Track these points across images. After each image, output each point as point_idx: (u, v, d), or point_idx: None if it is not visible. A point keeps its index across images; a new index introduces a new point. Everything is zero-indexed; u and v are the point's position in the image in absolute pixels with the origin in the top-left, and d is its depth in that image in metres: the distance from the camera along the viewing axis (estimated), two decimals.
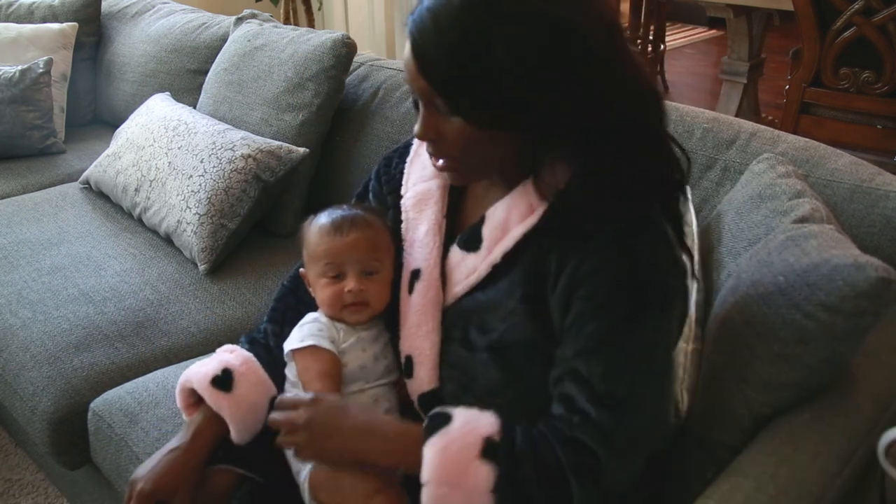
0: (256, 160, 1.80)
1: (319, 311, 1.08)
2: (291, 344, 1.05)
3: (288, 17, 4.18)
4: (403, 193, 1.11)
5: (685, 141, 1.40)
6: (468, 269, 0.99)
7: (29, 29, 2.60)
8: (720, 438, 1.01)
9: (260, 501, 1.07)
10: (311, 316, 1.08)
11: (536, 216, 0.93)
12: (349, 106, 1.98)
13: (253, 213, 1.83)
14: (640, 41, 4.47)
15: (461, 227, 1.04)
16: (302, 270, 1.12)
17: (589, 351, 0.87)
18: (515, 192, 0.96)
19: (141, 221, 1.97)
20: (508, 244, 0.95)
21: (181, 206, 1.82)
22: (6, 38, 2.56)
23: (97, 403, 1.46)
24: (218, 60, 2.20)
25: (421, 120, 0.92)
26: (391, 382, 1.06)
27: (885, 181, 1.21)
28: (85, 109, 2.76)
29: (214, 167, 1.80)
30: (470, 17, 0.83)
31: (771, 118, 3.58)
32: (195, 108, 2.14)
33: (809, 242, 0.98)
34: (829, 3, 2.45)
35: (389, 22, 4.51)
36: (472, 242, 0.99)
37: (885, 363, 1.06)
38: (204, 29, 2.42)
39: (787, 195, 1.13)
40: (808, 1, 2.47)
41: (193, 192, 1.80)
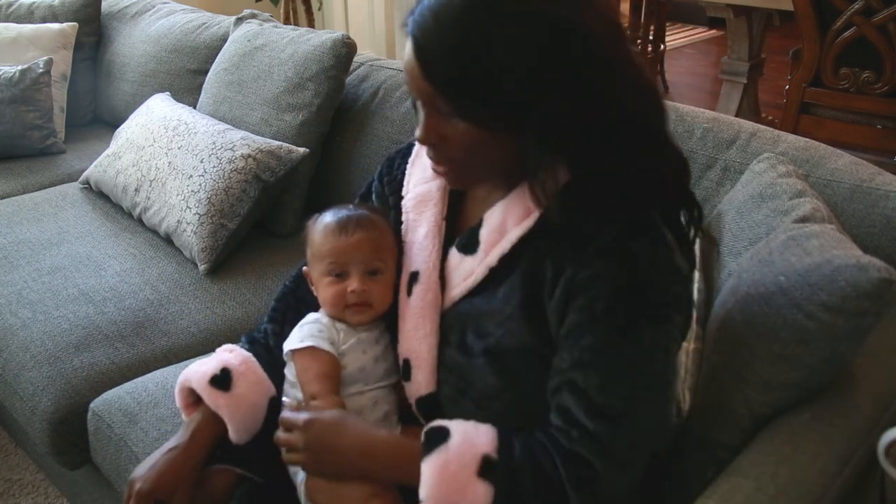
0: (256, 160, 1.80)
1: (321, 311, 1.08)
2: (291, 344, 1.05)
3: (288, 17, 4.18)
4: (404, 195, 1.10)
5: (685, 141, 1.40)
6: (465, 272, 0.98)
7: (29, 29, 2.60)
8: (720, 438, 1.01)
9: (258, 502, 1.07)
10: (311, 316, 1.08)
11: (533, 219, 0.93)
12: (349, 106, 1.98)
13: (253, 213, 1.83)
14: (640, 41, 4.47)
15: (461, 229, 1.03)
16: (305, 269, 1.12)
17: (586, 363, 0.87)
18: (513, 194, 0.95)
19: (141, 221, 1.97)
20: (505, 247, 0.94)
21: (181, 206, 1.82)
22: (6, 38, 2.56)
23: (97, 403, 1.46)
24: (218, 60, 2.20)
25: (422, 124, 0.91)
26: (391, 385, 1.06)
27: (885, 181, 1.21)
28: (85, 109, 2.76)
29: (214, 167, 1.80)
30: (471, 16, 0.82)
31: (771, 118, 3.58)
32: (195, 108, 2.14)
33: (811, 242, 0.98)
34: (829, 3, 2.45)
35: (389, 22, 4.51)
36: (469, 245, 0.98)
37: (885, 363, 1.06)
38: (204, 29, 2.42)
39: (787, 195, 1.13)
40: (808, 1, 2.47)
41: (193, 192, 1.80)
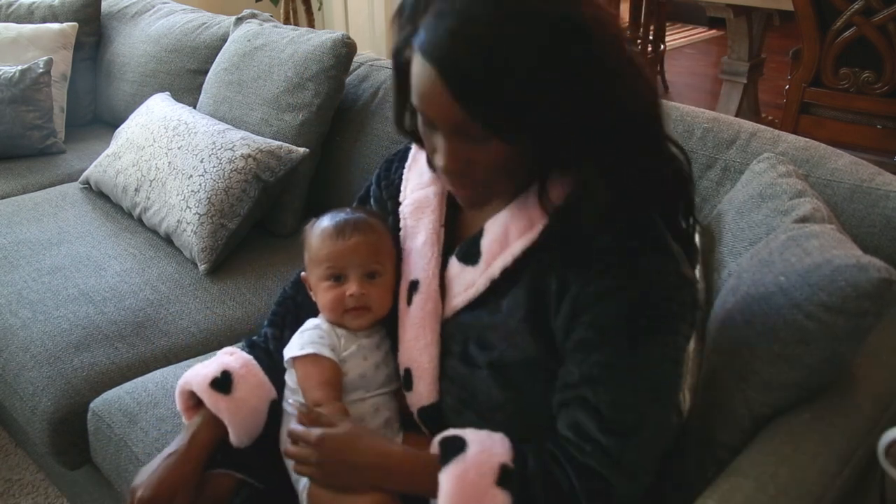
0: (256, 160, 1.80)
1: (320, 316, 1.07)
2: (291, 351, 1.04)
3: (288, 17, 4.18)
4: (402, 200, 1.08)
5: (685, 141, 1.40)
6: (466, 282, 0.97)
7: (29, 29, 2.60)
8: (720, 438, 1.01)
9: None
10: (311, 322, 1.07)
11: (536, 231, 0.91)
12: (349, 106, 1.98)
13: (253, 213, 1.83)
14: (640, 41, 4.47)
15: (461, 236, 1.02)
16: (303, 274, 1.11)
17: (595, 379, 0.86)
18: (514, 204, 0.94)
19: (141, 221, 1.97)
20: (508, 260, 0.93)
21: (181, 205, 1.82)
22: (6, 38, 2.56)
23: (97, 404, 1.46)
24: (218, 60, 2.20)
25: (446, 152, 0.86)
26: (392, 391, 1.05)
27: (885, 181, 1.21)
28: (85, 109, 2.76)
29: (214, 167, 1.80)
30: (502, 31, 0.77)
31: (771, 118, 3.58)
32: (195, 108, 2.14)
33: (811, 242, 0.98)
34: (829, 3, 2.45)
35: (389, 22, 4.51)
36: (470, 255, 0.97)
37: (885, 363, 1.06)
38: (204, 29, 2.42)
39: (787, 195, 1.13)
40: (808, 1, 2.47)
41: (193, 191, 1.80)
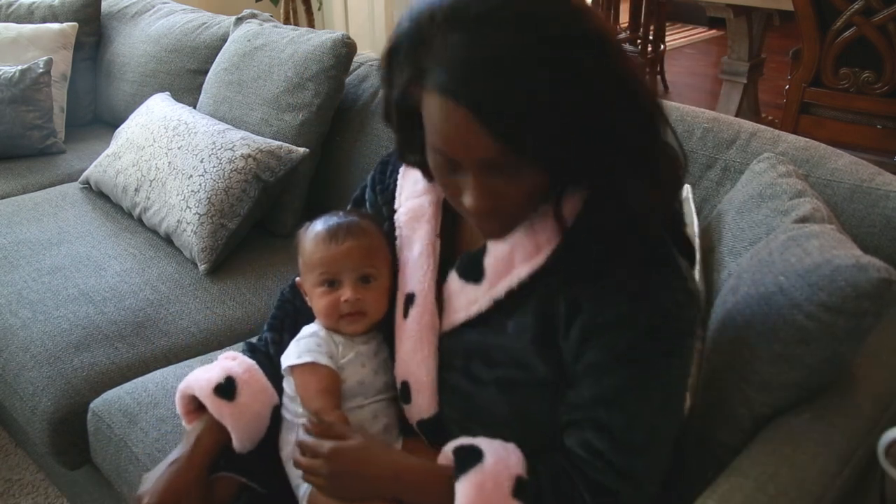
0: (256, 160, 1.80)
1: (317, 322, 1.06)
2: (289, 360, 1.03)
3: (288, 17, 4.18)
4: (397, 207, 1.06)
5: (685, 141, 1.40)
6: (468, 299, 0.95)
7: (29, 29, 2.60)
8: (720, 438, 1.01)
9: None
10: (308, 329, 1.05)
11: (543, 256, 0.89)
12: (349, 106, 1.98)
13: (253, 213, 1.83)
14: (640, 41, 4.47)
15: (459, 246, 1.00)
16: (298, 280, 1.09)
17: (608, 401, 0.86)
18: (520, 226, 0.91)
19: (141, 221, 1.97)
20: (513, 282, 0.91)
21: (181, 205, 1.82)
22: (6, 38, 2.56)
23: (96, 404, 1.46)
24: (218, 60, 2.20)
25: (479, 192, 0.81)
26: (390, 397, 1.04)
27: (885, 181, 1.21)
28: (85, 109, 2.76)
29: (214, 167, 1.80)
30: (532, 57, 0.73)
31: (771, 118, 3.58)
32: (195, 108, 2.14)
33: (811, 242, 0.98)
34: (829, 3, 2.45)
35: (389, 22, 4.51)
36: (472, 272, 0.94)
37: (885, 363, 1.06)
38: (204, 29, 2.42)
39: (787, 195, 1.13)
40: (808, 1, 2.47)
41: (193, 191, 1.80)
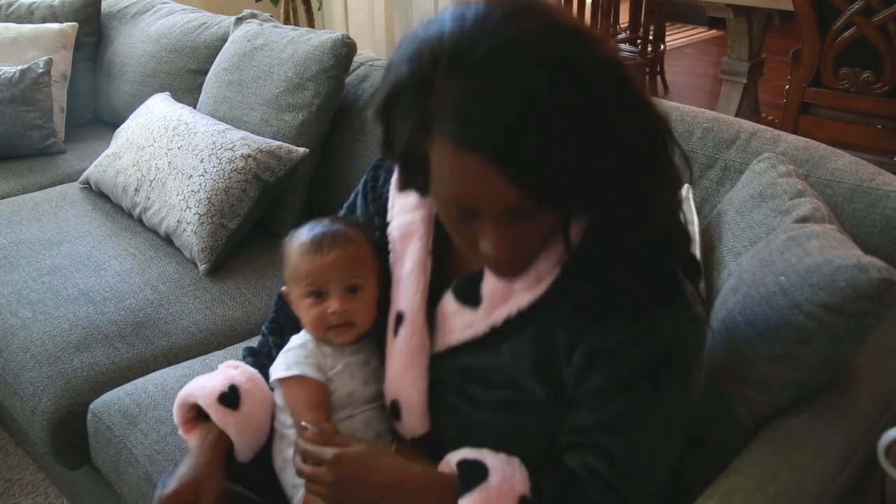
0: (256, 160, 1.80)
1: (305, 332, 1.04)
2: (277, 372, 1.02)
3: (288, 17, 4.18)
4: (389, 220, 1.02)
5: (685, 140, 1.40)
6: (464, 322, 0.93)
7: (29, 29, 2.60)
8: (720, 438, 1.01)
9: None
10: (297, 340, 1.04)
11: (543, 287, 0.87)
12: (349, 106, 1.98)
13: (253, 213, 1.83)
14: (640, 41, 4.47)
15: (453, 266, 0.97)
16: (284, 289, 1.08)
17: (609, 427, 0.85)
18: None
19: (141, 221, 1.97)
20: (512, 311, 0.89)
21: (181, 205, 1.82)
22: (6, 38, 2.56)
23: (96, 405, 1.46)
24: (218, 60, 2.20)
25: (500, 240, 0.78)
26: (381, 406, 1.02)
27: (885, 181, 1.21)
28: (85, 109, 2.76)
29: (214, 167, 1.80)
30: (552, 98, 0.70)
31: (771, 118, 3.58)
32: (195, 108, 2.14)
33: (811, 242, 0.98)
34: (829, 3, 2.45)
35: (389, 22, 4.51)
36: (469, 297, 0.92)
37: (885, 363, 1.06)
38: (204, 29, 2.42)
39: (788, 194, 1.13)
40: (808, 1, 2.47)
41: (193, 191, 1.80)
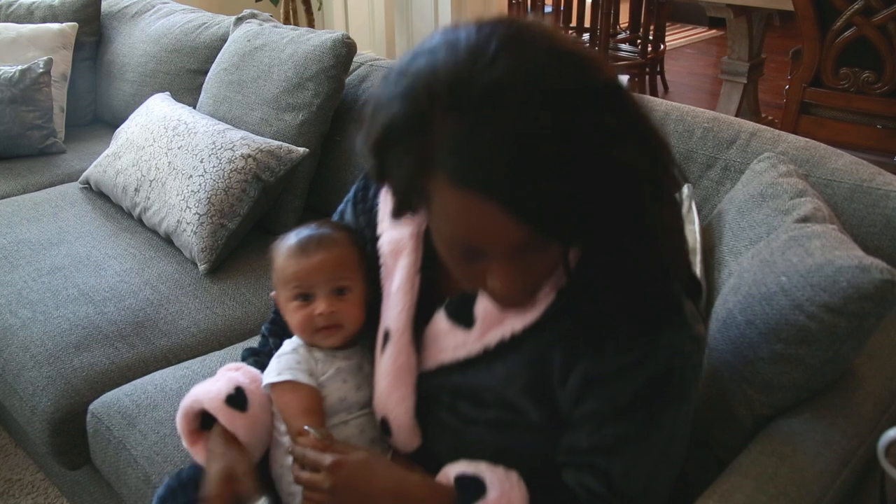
0: (256, 160, 1.80)
1: (297, 336, 1.04)
2: (268, 377, 1.01)
3: (288, 17, 4.18)
4: (379, 234, 1.00)
5: (685, 140, 1.40)
6: (457, 342, 0.91)
7: (29, 29, 2.60)
8: (720, 438, 1.02)
9: None
10: (289, 345, 1.03)
11: (539, 312, 0.86)
12: (349, 106, 1.98)
13: (253, 212, 1.83)
14: (640, 41, 4.47)
15: (442, 281, 0.94)
16: (273, 294, 1.07)
17: (608, 449, 0.84)
18: None
19: (141, 221, 1.97)
20: (506, 334, 0.87)
21: (181, 205, 1.82)
22: (6, 38, 2.56)
23: (95, 406, 1.46)
24: (218, 60, 2.20)
25: (507, 277, 0.76)
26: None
27: (885, 181, 1.21)
28: (85, 109, 2.76)
29: (214, 167, 1.80)
30: (559, 130, 0.67)
31: (771, 118, 3.58)
32: (195, 108, 2.14)
33: (813, 243, 0.98)
34: (829, 3, 2.45)
35: (389, 22, 4.51)
36: (462, 317, 0.91)
37: (885, 363, 1.06)
38: (204, 29, 2.42)
39: (788, 194, 1.13)
40: (808, 1, 2.47)
41: (193, 191, 1.80)
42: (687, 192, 1.32)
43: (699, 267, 1.20)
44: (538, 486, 0.89)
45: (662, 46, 4.58)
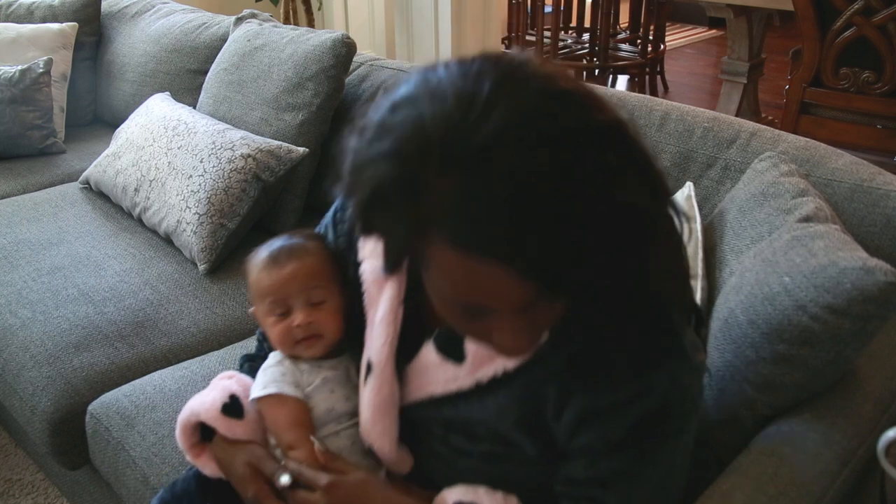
0: (256, 160, 1.80)
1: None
2: (255, 391, 0.99)
3: (288, 17, 4.18)
4: (360, 260, 0.97)
5: (685, 140, 1.40)
6: (447, 376, 0.89)
7: (29, 29, 2.60)
8: (720, 438, 1.01)
9: None
10: (274, 357, 1.02)
11: (533, 349, 0.82)
12: (349, 106, 1.98)
13: (253, 212, 1.83)
14: (640, 41, 4.47)
15: (430, 311, 0.87)
16: (251, 310, 1.05)
17: (604, 481, 0.82)
18: None
19: (141, 221, 1.97)
20: (499, 371, 0.85)
21: (181, 205, 1.82)
22: (6, 38, 2.56)
23: (94, 406, 1.46)
24: (218, 60, 2.20)
25: (516, 332, 0.73)
26: None
27: (885, 181, 1.21)
28: (85, 109, 2.76)
29: (214, 167, 1.80)
30: (565, 183, 0.63)
31: (771, 118, 3.58)
32: (195, 108, 2.14)
33: (816, 243, 0.97)
34: (829, 3, 2.45)
35: (389, 22, 4.51)
36: (452, 352, 0.88)
37: (885, 363, 1.06)
38: (204, 29, 2.42)
39: (790, 193, 1.13)
40: (808, 1, 2.47)
41: (193, 191, 1.80)
42: (688, 190, 1.33)
43: (701, 268, 1.20)
44: None
45: (662, 46, 4.58)
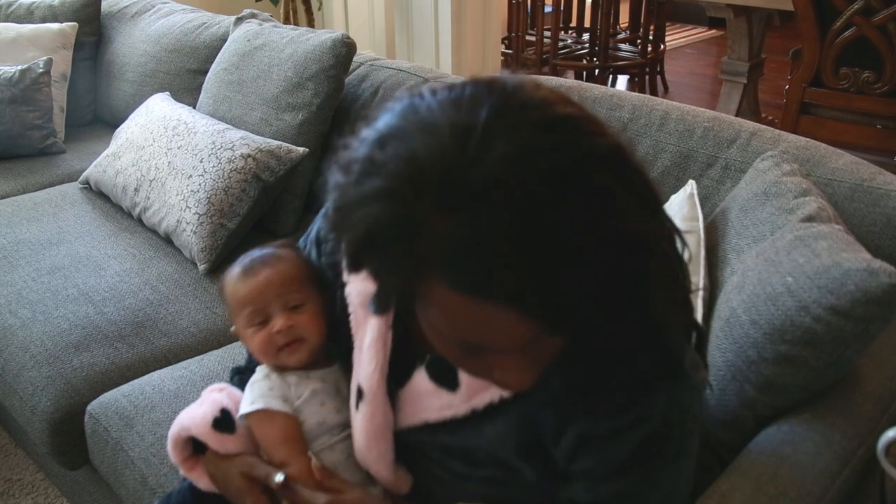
0: (256, 160, 1.80)
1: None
2: (243, 407, 0.97)
3: (288, 17, 4.18)
4: (346, 281, 0.93)
5: (686, 140, 1.40)
6: (441, 403, 0.87)
7: (29, 29, 2.60)
8: (721, 438, 1.01)
9: None
10: (261, 372, 1.00)
11: None
12: (349, 106, 1.98)
13: (253, 212, 1.83)
14: (640, 41, 4.47)
15: (420, 334, 0.80)
16: (233, 329, 1.02)
17: None
18: None
19: (140, 221, 1.97)
20: (494, 398, 0.84)
21: (181, 205, 1.82)
22: (6, 38, 2.56)
23: (93, 406, 1.46)
24: (218, 60, 2.20)
25: (520, 369, 0.71)
26: None
27: (885, 180, 1.21)
28: (85, 109, 2.76)
29: (214, 167, 1.80)
30: (570, 219, 0.60)
31: (771, 118, 3.58)
32: (195, 108, 2.14)
33: (819, 244, 0.97)
34: (829, 3, 2.45)
35: (389, 22, 4.51)
36: (446, 379, 0.86)
37: (885, 363, 1.06)
38: (204, 29, 2.42)
39: (792, 193, 1.13)
40: (808, 1, 2.47)
41: (193, 191, 1.80)
42: (690, 188, 1.33)
43: (703, 267, 1.20)
44: None
45: (662, 46, 4.58)
